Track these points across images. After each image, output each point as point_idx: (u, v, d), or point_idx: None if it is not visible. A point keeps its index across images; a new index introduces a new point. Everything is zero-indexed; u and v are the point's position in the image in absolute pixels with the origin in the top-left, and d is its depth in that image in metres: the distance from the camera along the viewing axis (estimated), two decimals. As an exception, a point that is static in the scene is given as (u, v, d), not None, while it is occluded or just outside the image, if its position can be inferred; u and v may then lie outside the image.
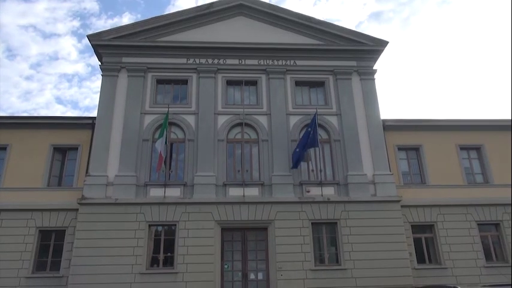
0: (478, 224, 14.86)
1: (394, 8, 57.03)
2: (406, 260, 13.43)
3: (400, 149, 15.94)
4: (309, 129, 13.83)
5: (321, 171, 14.73)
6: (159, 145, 13.37)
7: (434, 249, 14.59)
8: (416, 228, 14.73)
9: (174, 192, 13.93)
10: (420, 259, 14.33)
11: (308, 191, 14.25)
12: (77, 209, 13.41)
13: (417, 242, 14.56)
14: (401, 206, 14.28)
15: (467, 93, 52.57)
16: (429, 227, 14.84)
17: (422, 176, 15.63)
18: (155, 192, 13.91)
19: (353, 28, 57.93)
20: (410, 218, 14.66)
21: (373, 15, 60.28)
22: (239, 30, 16.52)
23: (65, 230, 13.71)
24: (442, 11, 54.31)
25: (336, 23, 21.84)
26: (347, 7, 58.95)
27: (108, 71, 15.57)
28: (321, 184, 14.36)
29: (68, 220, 13.71)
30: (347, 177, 14.50)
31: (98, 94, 14.94)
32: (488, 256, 14.58)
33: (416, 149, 16.05)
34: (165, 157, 14.04)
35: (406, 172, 15.75)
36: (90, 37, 15.54)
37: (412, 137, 16.02)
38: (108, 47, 15.73)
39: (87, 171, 14.14)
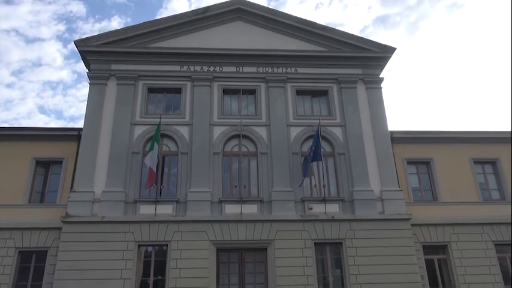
0: (495, 244, 14.98)
1: (401, 12, 57.97)
2: (418, 283, 13.50)
3: (409, 162, 16.14)
4: (312, 147, 14.11)
5: (324, 186, 14.82)
6: (149, 160, 13.51)
7: (447, 272, 14.67)
8: (428, 249, 14.83)
9: (165, 210, 14.02)
10: (433, 283, 14.40)
11: (311, 209, 14.37)
12: (60, 228, 13.47)
13: (429, 264, 14.64)
14: (412, 225, 14.38)
15: (481, 103, 53.11)
16: (442, 248, 14.95)
17: (434, 192, 15.81)
18: (145, 210, 14.00)
19: (357, 33, 57.90)
20: (421, 237, 14.76)
21: (378, 20, 61.21)
22: (237, 36, 16.84)
23: (46, 251, 13.74)
24: (453, 15, 55.27)
25: (339, 28, 22.26)
26: (351, 11, 59.91)
27: (96, 78, 15.80)
28: (324, 201, 14.49)
29: (50, 240, 13.76)
30: (352, 194, 14.63)
31: (84, 103, 15.24)
32: (506, 279, 14.63)
33: (427, 163, 16.26)
34: (156, 172, 14.13)
35: (416, 188, 15.94)
36: (77, 43, 15.82)
37: (422, 150, 16.21)
38: (96, 53, 15.99)
39: (71, 187, 14.24)
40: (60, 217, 13.50)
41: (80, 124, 15.41)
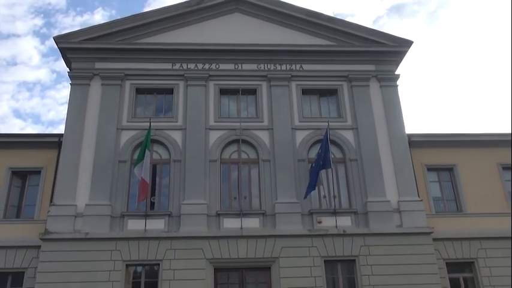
0: (527, 261, 14.76)
1: (419, 0, 58.03)
2: (441, 306, 13.37)
3: (430, 169, 16.06)
4: (319, 151, 14.05)
5: (334, 197, 14.76)
6: (139, 170, 13.42)
7: (475, 293, 14.49)
8: (453, 266, 14.71)
9: (156, 225, 13.97)
10: (458, 305, 14.27)
11: (319, 222, 14.27)
12: (39, 246, 13.38)
13: (454, 284, 14.51)
14: (434, 239, 14.29)
15: (509, 102, 52.88)
16: (468, 265, 14.84)
17: (458, 203, 15.72)
18: (134, 225, 13.94)
19: (370, 24, 58.14)
20: (444, 254, 14.64)
21: (393, 9, 61.17)
22: (235, 30, 16.80)
23: (23, 272, 13.66)
24: (476, 2, 55.22)
25: (349, 18, 22.10)
26: (362, 0, 59.99)
27: (78, 78, 15.80)
28: (335, 213, 14.37)
29: (28, 260, 13.68)
30: (366, 205, 14.51)
31: (65, 106, 15.30)
32: (540, 300, 14.43)
33: (449, 170, 16.20)
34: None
35: (438, 198, 15.85)
36: (57, 39, 15.81)
37: (444, 156, 16.12)
38: (78, 51, 16.00)
39: (51, 200, 14.17)
40: (39, 234, 13.39)
41: (61, 130, 15.46)
